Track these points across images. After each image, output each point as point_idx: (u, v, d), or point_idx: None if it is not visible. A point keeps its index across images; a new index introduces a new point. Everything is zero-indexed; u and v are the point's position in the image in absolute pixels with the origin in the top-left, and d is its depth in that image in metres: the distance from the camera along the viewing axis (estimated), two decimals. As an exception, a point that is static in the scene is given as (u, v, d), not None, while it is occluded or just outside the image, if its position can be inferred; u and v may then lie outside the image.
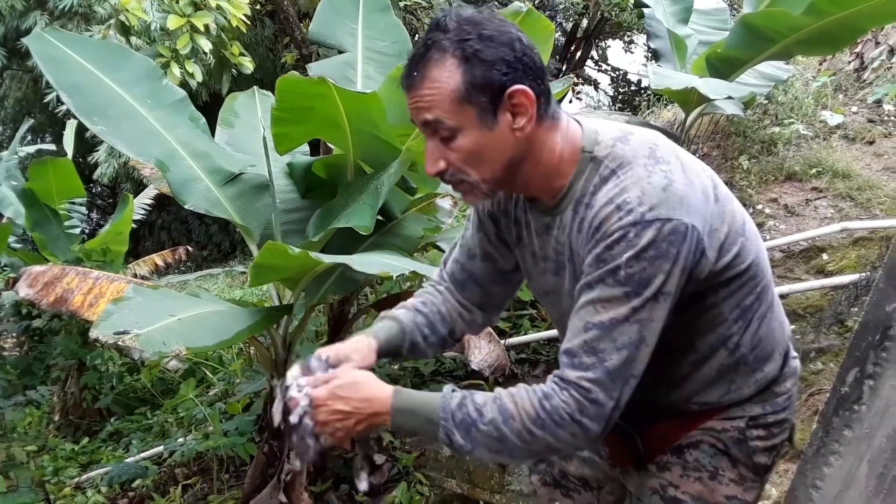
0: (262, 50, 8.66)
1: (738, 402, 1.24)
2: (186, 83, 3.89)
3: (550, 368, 1.14)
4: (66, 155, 5.36)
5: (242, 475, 3.15)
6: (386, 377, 3.23)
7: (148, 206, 5.85)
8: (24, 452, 3.10)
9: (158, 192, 4.97)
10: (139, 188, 7.86)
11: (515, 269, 1.39)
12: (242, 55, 4.37)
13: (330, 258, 2.14)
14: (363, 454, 1.29)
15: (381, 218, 2.70)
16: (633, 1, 8.08)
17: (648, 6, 4.66)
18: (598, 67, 14.31)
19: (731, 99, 4.04)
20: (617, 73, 14.26)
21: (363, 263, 2.18)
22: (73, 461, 3.77)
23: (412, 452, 3.08)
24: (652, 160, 1.07)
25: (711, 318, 1.16)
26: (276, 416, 1.19)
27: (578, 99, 14.06)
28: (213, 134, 2.96)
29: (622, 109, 11.68)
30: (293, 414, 1.15)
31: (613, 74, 14.35)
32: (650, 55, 5.23)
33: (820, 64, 5.71)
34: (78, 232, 4.71)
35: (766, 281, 1.19)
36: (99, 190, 13.54)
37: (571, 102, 13.32)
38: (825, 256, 3.50)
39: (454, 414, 1.12)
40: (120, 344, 1.88)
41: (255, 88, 3.33)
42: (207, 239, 11.92)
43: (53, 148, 7.11)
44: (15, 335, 4.64)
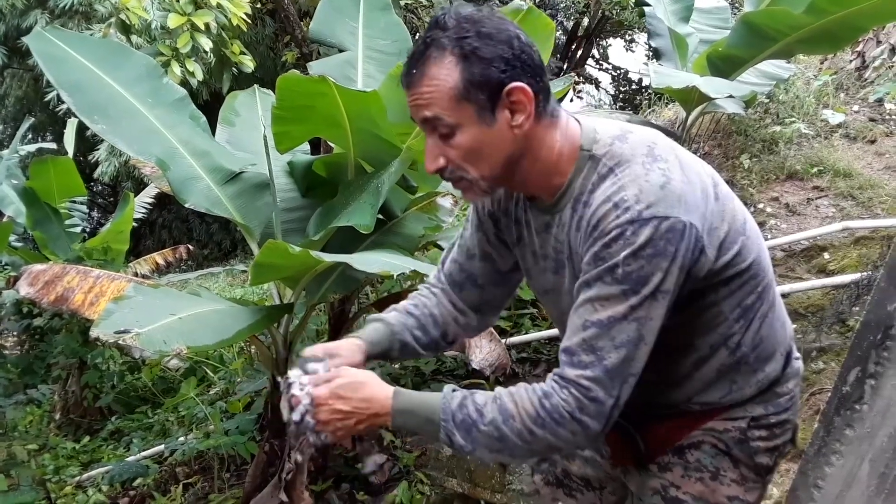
0: (262, 48, 8.66)
1: (739, 402, 1.23)
2: (187, 82, 3.89)
3: (551, 367, 1.14)
4: (66, 153, 5.36)
5: (243, 474, 3.15)
6: (387, 376, 3.23)
7: (149, 204, 5.85)
8: (25, 451, 3.10)
9: (159, 190, 4.97)
10: (140, 187, 7.86)
11: (513, 269, 1.38)
12: (243, 54, 4.37)
13: (330, 257, 2.14)
14: (366, 447, 1.30)
15: (381, 217, 2.70)
16: (633, -1, 8.08)
17: (649, 4, 4.66)
18: (598, 66, 14.30)
19: (732, 98, 4.03)
20: (618, 71, 14.25)
21: (364, 262, 2.18)
22: (74, 460, 3.77)
23: (413, 452, 3.08)
24: (650, 158, 1.07)
25: (712, 317, 1.16)
26: (284, 411, 1.20)
27: (579, 98, 14.06)
28: (213, 133, 2.95)
29: (623, 108, 11.68)
30: (295, 412, 1.16)
31: (614, 73, 14.34)
32: (651, 54, 5.22)
33: (821, 63, 5.71)
34: (79, 231, 4.72)
35: (767, 280, 1.19)
36: (100, 189, 13.55)
37: (572, 101, 13.32)
38: (826, 255, 3.50)
39: (454, 414, 1.12)
40: (121, 343, 1.88)
41: (255, 87, 3.32)
42: (208, 238, 11.93)
43: (54, 146, 7.11)
44: (16, 334, 4.64)
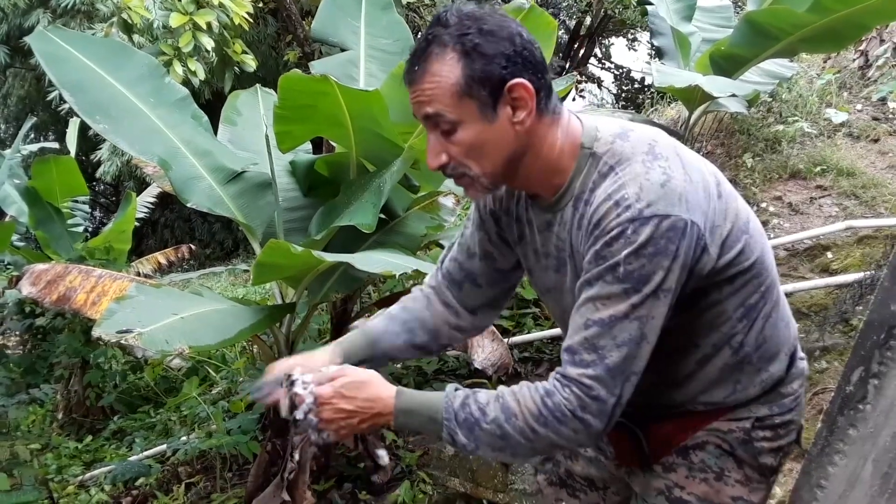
0: (264, 48, 8.67)
1: (743, 402, 1.23)
2: (189, 81, 3.89)
3: (554, 367, 1.14)
4: (69, 153, 5.37)
5: (245, 473, 3.15)
6: (389, 376, 3.23)
7: (151, 204, 5.86)
8: (27, 450, 3.10)
9: (161, 190, 4.99)
10: (142, 186, 7.88)
11: (513, 268, 1.38)
12: (245, 53, 4.37)
13: (332, 257, 2.14)
14: (372, 442, 1.31)
15: (383, 216, 2.70)
16: (636, -2, 8.07)
17: (652, 3, 4.65)
18: (601, 65, 14.28)
19: (734, 97, 4.02)
20: (620, 70, 14.24)
21: (366, 262, 2.18)
22: (76, 459, 3.77)
23: (415, 451, 3.08)
24: (650, 156, 1.07)
25: (715, 316, 1.15)
26: (283, 409, 1.21)
27: (582, 97, 14.05)
28: (215, 132, 2.95)
29: (625, 107, 11.66)
30: (298, 410, 1.17)
31: (617, 72, 14.32)
32: (653, 53, 5.20)
33: (824, 61, 5.70)
34: (81, 230, 4.72)
35: (770, 280, 1.18)
36: (102, 188, 13.58)
37: (575, 100, 13.30)
38: (830, 255, 3.49)
39: (457, 414, 1.12)
40: (123, 342, 1.88)
41: (257, 86, 3.32)
42: (210, 237, 11.96)
43: (56, 146, 7.14)
44: (18, 333, 4.65)
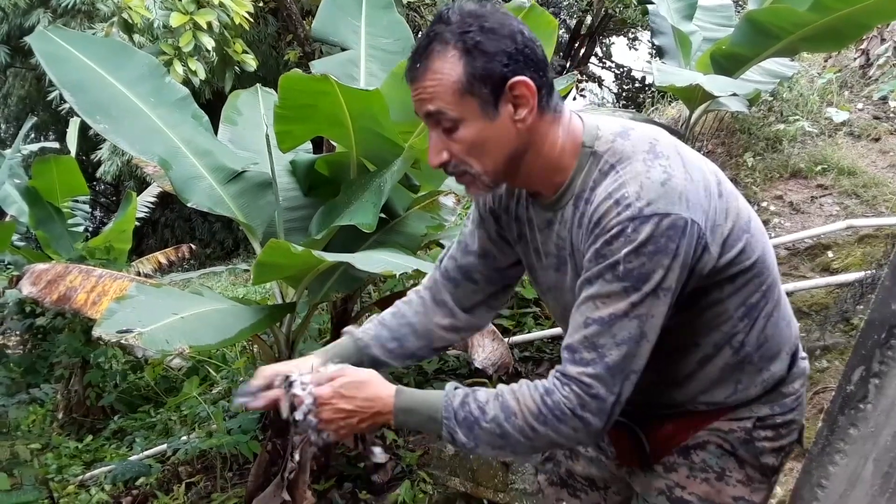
0: (264, 47, 8.67)
1: (745, 402, 1.23)
2: (189, 81, 3.89)
3: (554, 366, 1.14)
4: (69, 153, 5.37)
5: (246, 473, 3.15)
6: (389, 376, 3.22)
7: (151, 203, 5.86)
8: (27, 450, 3.10)
9: (161, 189, 4.99)
10: (142, 186, 7.88)
11: (510, 267, 1.38)
12: (245, 53, 4.37)
13: (333, 256, 2.14)
14: (369, 441, 1.31)
15: (383, 216, 2.70)
16: (636, -3, 8.07)
17: (653, 2, 4.64)
18: (601, 64, 14.28)
19: (735, 96, 4.02)
20: (621, 70, 14.23)
21: (366, 262, 2.17)
22: (76, 459, 3.77)
23: (416, 451, 3.08)
24: (651, 155, 1.07)
25: (716, 315, 1.15)
26: (283, 410, 1.20)
27: (582, 96, 14.05)
28: (215, 132, 2.95)
29: (626, 106, 11.66)
30: (297, 411, 1.17)
31: (617, 71, 14.32)
32: (654, 52, 5.20)
33: (825, 61, 5.70)
34: (81, 230, 4.72)
35: (772, 279, 1.18)
36: (102, 188, 13.58)
37: (575, 100, 13.29)
38: (830, 254, 3.49)
39: (457, 412, 1.12)
40: (123, 342, 1.88)
41: (257, 86, 3.32)
42: (210, 237, 11.96)
43: (57, 146, 7.14)
44: (18, 333, 4.64)
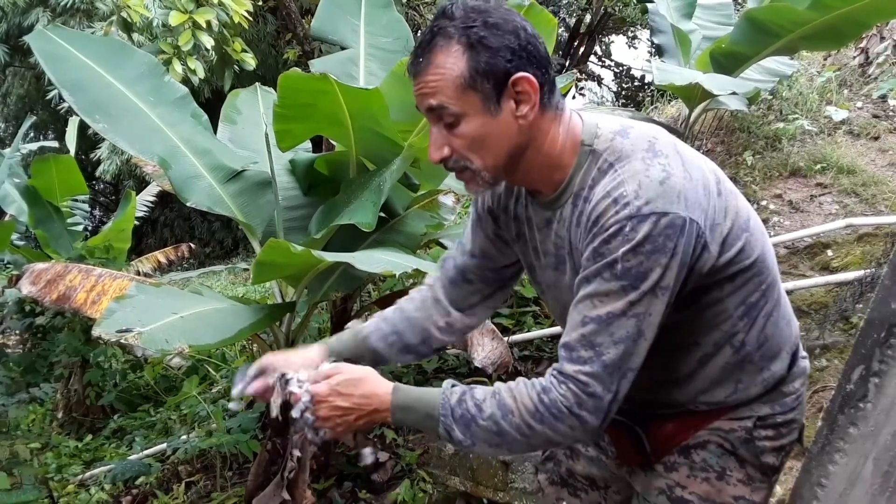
0: (264, 46, 8.67)
1: (745, 401, 1.23)
2: (188, 80, 3.89)
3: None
4: (68, 152, 5.37)
5: (245, 472, 3.15)
6: (389, 374, 3.23)
7: (150, 202, 5.86)
8: (27, 450, 3.10)
9: (161, 189, 4.98)
10: (142, 185, 7.87)
11: (508, 267, 1.39)
12: (244, 51, 4.36)
13: (332, 256, 2.13)
14: (360, 440, 1.32)
15: (383, 215, 2.70)
16: (636, -4, 8.06)
17: (652, 1, 4.64)
18: (601, 63, 14.28)
19: (735, 95, 4.01)
20: (620, 68, 14.22)
21: (366, 262, 2.17)
22: (76, 458, 3.77)
23: (415, 450, 3.08)
24: (650, 154, 1.07)
25: (715, 314, 1.15)
26: (273, 408, 1.21)
27: (581, 95, 14.04)
28: (215, 131, 2.95)
29: (626, 105, 11.66)
30: (294, 409, 1.17)
31: (617, 70, 14.31)
32: (654, 51, 5.20)
33: (825, 59, 5.69)
34: (80, 229, 4.71)
35: (771, 278, 1.18)
36: (101, 187, 13.58)
37: (575, 98, 13.29)
38: (830, 253, 3.49)
39: (454, 410, 1.12)
40: (123, 341, 1.88)
41: (257, 85, 3.32)
42: (210, 236, 11.96)
43: (56, 145, 7.14)
44: (18, 332, 4.64)
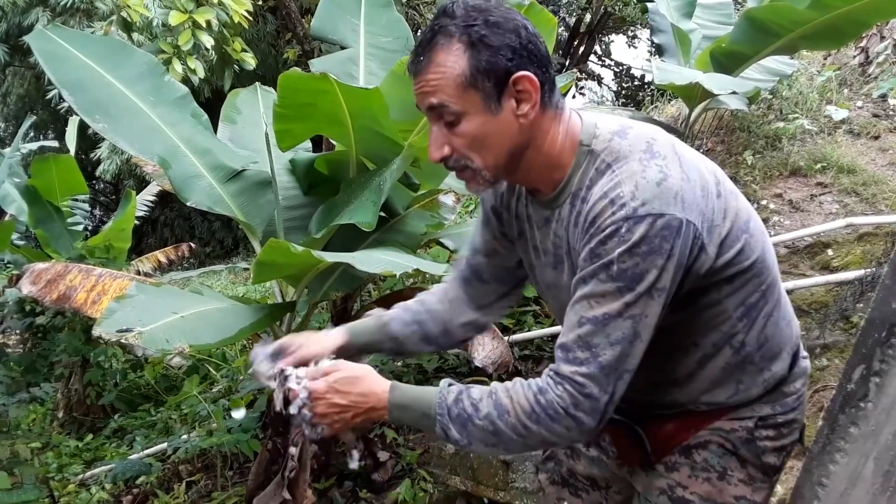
0: (264, 46, 8.67)
1: (746, 402, 1.23)
2: (188, 79, 3.88)
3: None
4: (68, 151, 5.37)
5: (246, 472, 3.15)
6: (390, 374, 3.23)
7: (151, 202, 5.85)
8: (28, 449, 3.10)
9: (161, 188, 4.97)
10: (142, 185, 7.87)
11: (519, 265, 1.38)
12: (244, 51, 4.36)
13: (332, 256, 2.13)
14: (358, 439, 1.32)
15: (383, 214, 2.69)
16: (636, -5, 8.06)
17: (652, 0, 4.64)
18: (601, 62, 14.27)
19: (735, 94, 4.01)
20: (620, 68, 14.21)
21: (366, 262, 2.17)
22: (77, 458, 3.77)
23: (416, 449, 3.08)
24: (648, 155, 1.07)
25: (715, 315, 1.15)
26: (277, 402, 1.23)
27: (581, 94, 14.05)
28: (215, 130, 2.94)
29: (626, 105, 11.66)
30: (292, 405, 1.19)
31: (617, 69, 14.30)
32: (654, 50, 5.20)
33: (825, 58, 5.69)
34: (81, 229, 4.71)
35: (771, 279, 1.18)
36: (101, 187, 13.58)
37: (574, 98, 13.30)
38: (830, 252, 3.49)
39: (450, 409, 1.13)
40: (123, 341, 1.88)
41: (257, 85, 3.32)
42: (210, 235, 11.96)
43: (56, 144, 7.13)
44: (18, 332, 4.64)
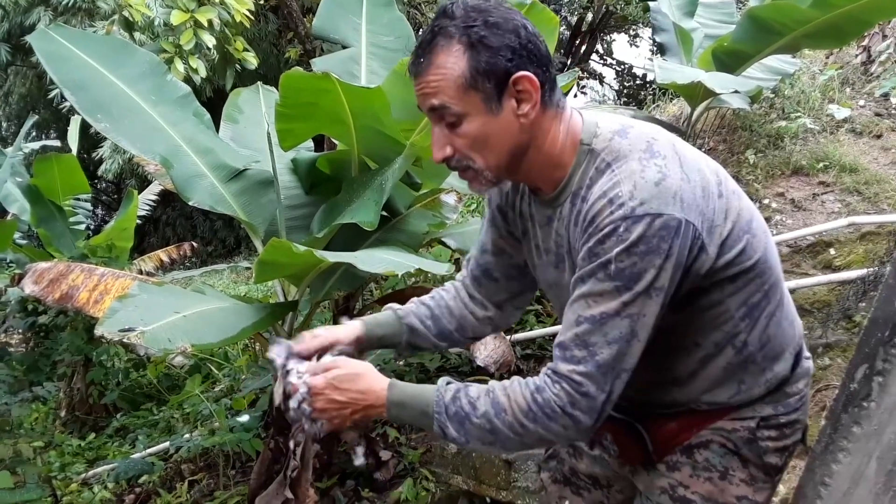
0: (265, 45, 8.68)
1: (748, 402, 1.22)
2: (190, 79, 3.88)
3: (549, 364, 1.15)
4: (70, 151, 5.37)
5: (248, 471, 3.16)
6: (391, 373, 3.23)
7: (153, 201, 5.86)
8: (30, 448, 3.10)
9: (163, 188, 4.98)
10: (144, 184, 7.87)
11: (527, 263, 1.38)
12: (246, 50, 4.36)
13: (334, 256, 2.13)
14: (361, 437, 1.33)
15: (385, 214, 2.69)
16: (638, -6, 8.05)
17: (654, -1, 4.64)
18: (603, 61, 14.28)
19: (737, 93, 4.01)
20: (622, 67, 14.22)
21: (368, 261, 2.17)
22: (79, 457, 3.78)
23: (418, 449, 3.08)
24: (647, 154, 1.07)
25: (716, 315, 1.15)
26: (277, 396, 1.24)
27: (583, 93, 14.05)
28: (217, 130, 2.94)
29: (627, 104, 11.64)
30: (292, 399, 1.20)
31: (618, 68, 14.31)
32: (656, 49, 5.20)
33: (827, 57, 5.68)
34: (83, 228, 4.72)
35: (774, 279, 1.18)
36: (104, 186, 13.61)
37: (576, 97, 13.29)
38: (832, 251, 3.48)
39: (448, 407, 1.13)
40: (125, 341, 1.88)
41: (258, 84, 3.32)
42: (212, 235, 11.97)
43: (58, 144, 7.15)
44: (21, 331, 4.65)
